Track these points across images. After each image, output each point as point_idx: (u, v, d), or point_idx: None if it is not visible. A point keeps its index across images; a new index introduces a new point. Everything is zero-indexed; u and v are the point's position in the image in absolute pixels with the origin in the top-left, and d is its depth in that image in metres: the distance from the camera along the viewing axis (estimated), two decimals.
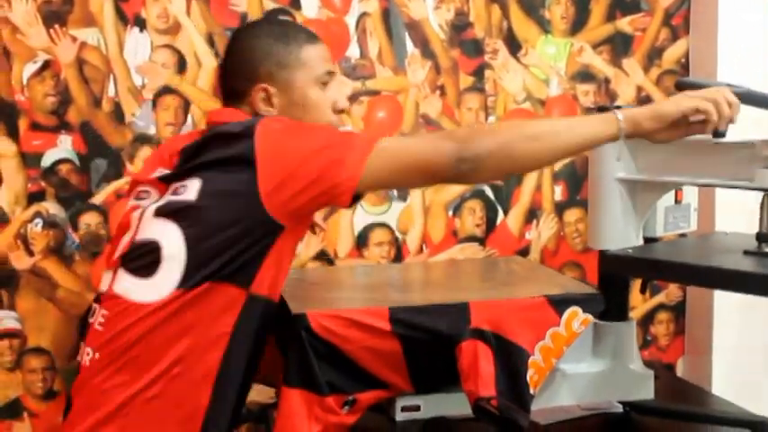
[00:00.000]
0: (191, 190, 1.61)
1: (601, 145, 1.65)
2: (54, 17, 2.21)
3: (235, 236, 1.60)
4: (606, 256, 1.89)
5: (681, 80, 1.77)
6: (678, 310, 2.74)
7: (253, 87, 1.73)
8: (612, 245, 1.89)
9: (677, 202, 1.93)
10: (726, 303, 2.64)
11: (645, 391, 1.92)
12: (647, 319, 2.70)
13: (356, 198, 1.61)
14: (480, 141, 1.56)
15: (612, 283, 1.90)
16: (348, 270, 2.38)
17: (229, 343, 1.62)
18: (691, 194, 2.00)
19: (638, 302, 2.67)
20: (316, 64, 1.75)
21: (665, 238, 2.00)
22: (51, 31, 2.21)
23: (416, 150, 1.61)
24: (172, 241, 1.61)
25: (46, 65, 2.22)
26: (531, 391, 1.71)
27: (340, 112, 1.80)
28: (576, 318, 1.79)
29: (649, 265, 1.85)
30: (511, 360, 1.71)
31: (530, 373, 1.72)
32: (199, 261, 1.60)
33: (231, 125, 1.65)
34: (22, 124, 2.20)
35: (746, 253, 1.83)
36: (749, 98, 1.64)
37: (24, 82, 2.21)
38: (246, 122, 1.64)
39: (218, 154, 1.62)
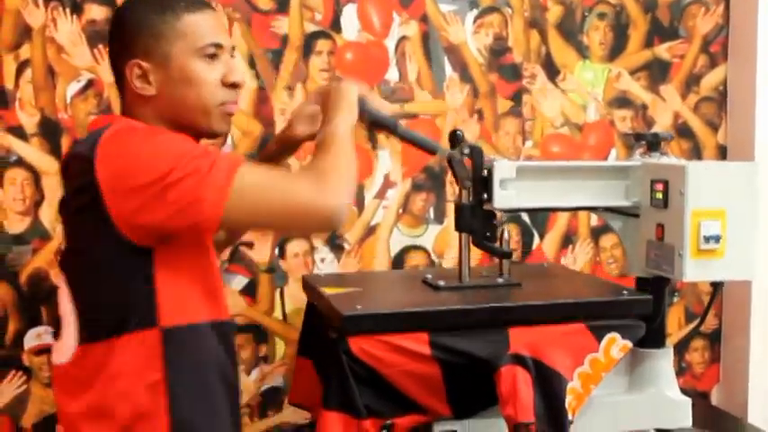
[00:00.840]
0: (66, 234, 1.57)
1: None
2: (98, 37, 2.24)
3: (110, 275, 1.50)
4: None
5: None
6: (713, 338, 2.72)
7: (126, 64, 1.56)
8: None
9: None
10: (762, 331, 2.62)
11: (683, 418, 1.91)
12: (682, 347, 2.68)
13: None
14: (339, 193, 1.49)
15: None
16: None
17: (169, 389, 1.52)
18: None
19: (674, 329, 2.65)
20: (197, 34, 1.56)
21: None
22: (95, 50, 2.24)
23: (282, 199, 1.47)
24: (63, 296, 1.57)
25: (89, 84, 2.25)
26: (570, 417, 1.71)
27: (232, 86, 1.61)
28: (615, 344, 1.78)
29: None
30: (550, 386, 1.71)
31: (568, 399, 1.72)
32: (88, 315, 1.53)
33: (78, 144, 1.56)
34: (65, 142, 2.23)
35: (424, 282, 1.99)
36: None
37: (68, 100, 2.23)
38: (88, 140, 1.50)
39: (68, 186, 1.56)
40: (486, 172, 1.87)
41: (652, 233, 1.88)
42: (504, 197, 1.87)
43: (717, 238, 1.79)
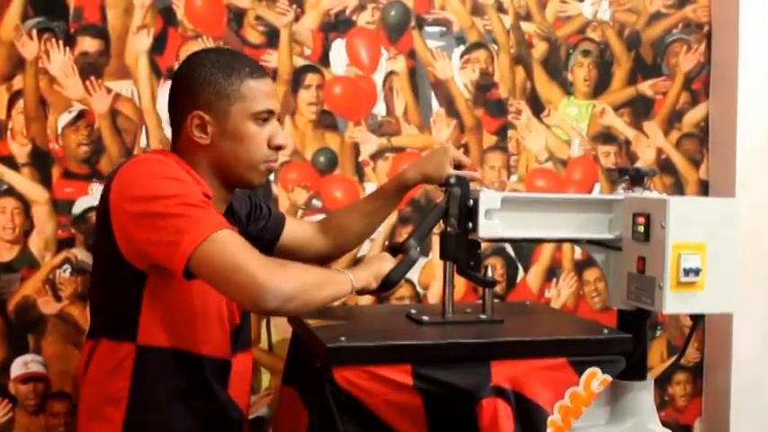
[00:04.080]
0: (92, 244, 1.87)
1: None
2: (90, 69, 2.27)
3: (107, 287, 1.78)
4: None
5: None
6: (696, 372, 2.75)
7: (189, 114, 1.76)
8: None
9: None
10: (744, 365, 2.64)
11: None
12: (664, 380, 2.70)
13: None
14: (285, 287, 1.62)
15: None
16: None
17: (130, 398, 1.74)
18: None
19: (657, 363, 2.68)
20: (255, 99, 1.77)
21: None
22: (87, 82, 2.27)
23: (235, 263, 1.60)
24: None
25: (81, 115, 2.27)
26: None
27: (277, 148, 1.82)
28: (596, 378, 1.80)
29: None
30: (530, 419, 1.73)
31: None
32: (92, 315, 1.83)
33: (110, 174, 1.80)
34: (56, 172, 2.25)
35: (408, 317, 2.01)
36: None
37: (59, 131, 2.26)
38: (113, 171, 1.78)
39: (98, 205, 1.79)
40: (471, 202, 1.91)
41: (633, 266, 1.91)
42: (489, 227, 1.90)
43: (697, 271, 1.82)
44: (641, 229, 1.88)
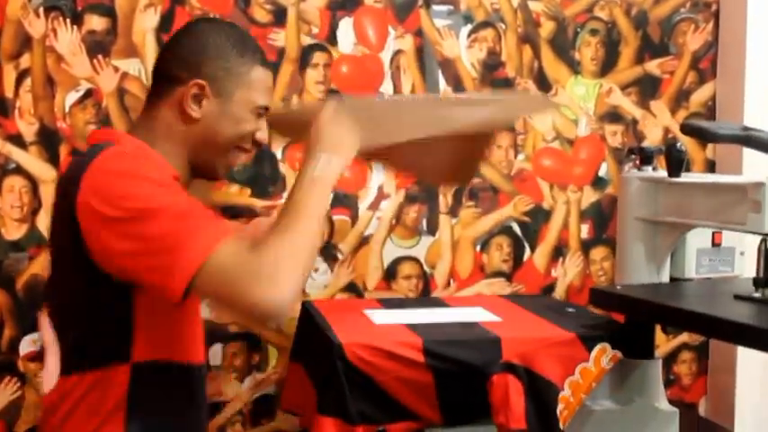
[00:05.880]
0: (51, 261, 1.50)
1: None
2: (97, 47, 2.27)
3: (89, 311, 1.44)
4: (594, 291, 1.97)
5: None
6: (701, 351, 2.75)
7: (190, 80, 1.51)
8: (634, 282, 1.94)
9: (715, 245, 1.95)
10: None
11: (670, 428, 1.94)
12: (670, 359, 2.71)
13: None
14: (289, 288, 1.33)
15: (638, 322, 1.93)
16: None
17: (127, 418, 1.46)
18: (734, 238, 2.01)
19: (662, 341, 2.68)
20: (260, 90, 1.57)
21: None
22: (94, 60, 2.26)
23: (236, 293, 1.31)
24: (45, 324, 1.49)
25: (88, 93, 2.27)
26: (561, 426, 1.74)
27: (257, 144, 1.60)
28: (606, 354, 1.82)
29: (630, 303, 1.85)
30: (541, 394, 1.74)
31: (559, 407, 1.75)
32: (68, 350, 1.47)
33: (71, 164, 1.49)
34: (63, 151, 2.25)
35: (737, 297, 1.82)
36: None
37: (66, 110, 2.26)
38: (81, 161, 1.43)
39: (55, 210, 1.48)
40: None
41: None
42: None
43: None
44: None
